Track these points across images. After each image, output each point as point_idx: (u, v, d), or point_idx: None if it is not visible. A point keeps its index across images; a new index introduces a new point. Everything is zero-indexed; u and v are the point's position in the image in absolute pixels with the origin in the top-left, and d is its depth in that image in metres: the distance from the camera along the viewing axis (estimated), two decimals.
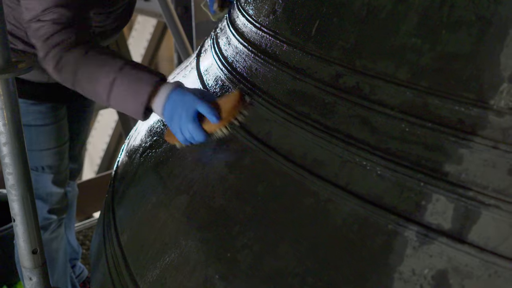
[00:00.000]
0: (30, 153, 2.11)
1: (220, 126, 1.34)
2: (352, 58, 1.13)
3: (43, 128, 2.15)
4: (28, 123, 2.09)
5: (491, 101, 0.94)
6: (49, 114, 2.15)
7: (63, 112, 2.22)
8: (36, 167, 2.21)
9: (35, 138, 2.14)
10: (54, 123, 2.17)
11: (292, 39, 1.29)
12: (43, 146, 2.18)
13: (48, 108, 2.14)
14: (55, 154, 2.22)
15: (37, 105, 2.10)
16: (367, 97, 1.08)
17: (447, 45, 1.00)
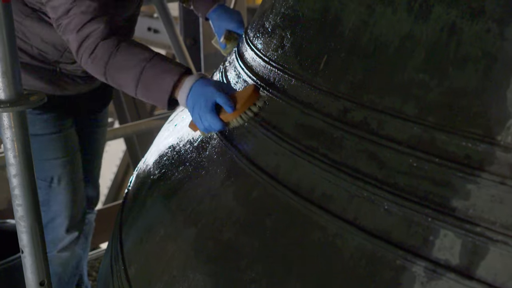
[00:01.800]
0: (40, 163, 2.13)
1: (235, 116, 1.44)
2: (360, 93, 1.14)
3: (51, 136, 2.16)
4: (35, 132, 2.09)
5: (498, 136, 0.95)
6: (56, 122, 2.16)
7: (69, 121, 2.23)
8: (47, 178, 2.21)
9: (43, 147, 2.15)
10: (61, 131, 2.19)
11: (300, 73, 1.31)
12: (52, 155, 2.19)
13: (54, 117, 2.15)
14: (65, 165, 2.22)
15: (43, 115, 2.12)
16: (374, 132, 1.09)
17: (454, 80, 1.01)
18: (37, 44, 1.98)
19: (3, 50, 1.36)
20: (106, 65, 1.61)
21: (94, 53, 1.62)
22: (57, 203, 2.27)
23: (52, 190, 2.24)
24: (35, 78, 2.01)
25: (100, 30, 1.62)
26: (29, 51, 1.99)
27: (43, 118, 2.13)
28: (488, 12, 0.99)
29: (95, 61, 1.63)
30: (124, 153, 8.23)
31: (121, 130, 3.73)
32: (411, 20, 1.10)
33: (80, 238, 2.44)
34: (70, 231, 2.35)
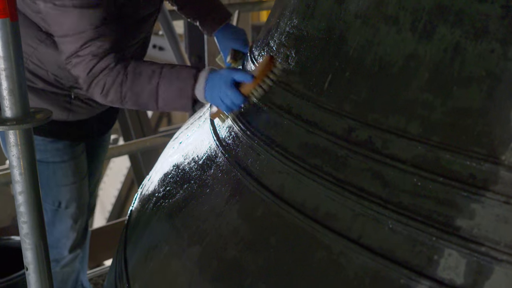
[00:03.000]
0: (49, 190, 2.15)
1: (254, 85, 1.49)
2: (364, 112, 1.15)
3: (61, 164, 2.17)
4: (46, 159, 2.11)
5: (502, 156, 0.95)
6: (67, 150, 2.17)
7: (81, 148, 2.24)
8: (54, 202, 2.22)
9: (52, 174, 2.16)
10: (72, 159, 2.19)
11: (305, 92, 1.32)
12: (62, 182, 2.20)
13: (66, 145, 2.16)
14: (74, 190, 2.24)
15: (55, 143, 2.13)
16: (379, 151, 1.09)
17: (458, 100, 1.02)
18: (53, 69, 1.98)
19: (10, 68, 1.37)
20: (120, 94, 1.69)
21: (104, 89, 1.70)
22: (62, 226, 2.28)
23: (58, 213, 2.25)
24: (50, 104, 2.02)
25: (109, 68, 1.69)
26: (45, 76, 1.99)
27: (56, 146, 2.13)
28: (492, 32, 1.00)
29: (109, 94, 1.70)
30: (128, 170, 8.24)
31: (125, 147, 3.73)
32: (415, 40, 1.10)
33: (81, 253, 2.45)
34: (73, 250, 2.37)
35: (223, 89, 1.54)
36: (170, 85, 1.65)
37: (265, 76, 1.47)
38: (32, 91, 1.98)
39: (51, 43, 1.91)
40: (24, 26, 1.89)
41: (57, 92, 2.02)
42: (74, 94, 2.05)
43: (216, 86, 1.57)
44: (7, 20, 1.34)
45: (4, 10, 1.34)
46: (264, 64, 1.49)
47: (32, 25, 1.91)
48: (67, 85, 2.01)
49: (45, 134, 2.08)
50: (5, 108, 1.41)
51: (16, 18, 1.36)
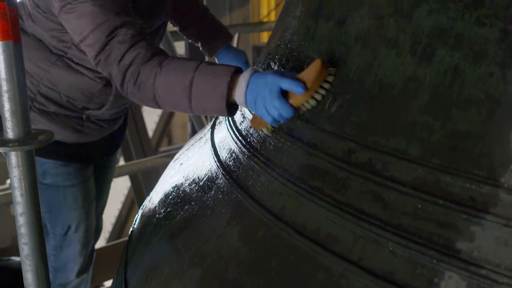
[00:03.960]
0: (58, 214, 2.15)
1: (307, 97, 1.31)
2: (364, 134, 1.16)
3: (72, 188, 2.17)
4: (56, 184, 2.10)
5: (501, 178, 0.96)
6: (77, 174, 2.17)
7: (90, 171, 2.24)
8: (64, 227, 2.21)
9: (63, 199, 2.16)
10: (82, 182, 2.19)
11: (305, 114, 1.32)
12: (72, 206, 2.19)
13: (76, 169, 2.16)
14: (83, 214, 2.23)
15: (67, 166, 2.12)
16: (379, 173, 1.10)
17: (457, 123, 1.03)
18: (65, 91, 1.97)
19: (13, 90, 1.39)
20: (153, 88, 1.55)
21: (138, 80, 1.57)
22: (70, 250, 2.27)
23: (67, 237, 2.25)
24: (61, 127, 2.01)
25: (141, 55, 1.58)
26: (57, 99, 1.98)
27: (67, 170, 2.12)
28: (490, 55, 1.01)
29: (142, 87, 1.57)
30: (128, 190, 8.23)
31: (126, 167, 3.74)
32: (415, 62, 1.11)
33: (87, 277, 2.45)
34: (80, 275, 2.36)
35: (269, 99, 1.35)
36: (204, 81, 1.47)
37: (318, 85, 1.30)
38: (44, 115, 1.98)
39: (63, 64, 1.91)
40: (35, 48, 1.91)
41: (69, 114, 2.02)
42: (85, 116, 2.05)
43: (261, 93, 1.38)
44: (10, 43, 1.35)
45: (8, 32, 1.35)
46: (317, 71, 1.29)
47: (43, 47, 1.92)
48: (80, 106, 2.01)
49: (57, 157, 2.08)
50: (7, 129, 1.42)
51: (19, 40, 1.38)
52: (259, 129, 1.45)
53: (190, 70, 1.49)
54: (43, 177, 2.07)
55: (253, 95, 1.40)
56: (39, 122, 1.97)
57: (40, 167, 2.02)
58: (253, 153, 1.43)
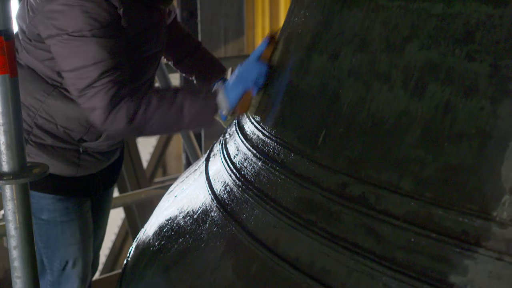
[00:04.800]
0: (56, 249, 2.13)
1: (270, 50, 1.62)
2: (358, 168, 1.17)
3: (69, 223, 2.15)
4: (54, 219, 2.09)
5: (494, 212, 0.97)
6: (75, 208, 2.15)
7: (87, 205, 2.23)
8: (61, 262, 2.19)
9: (61, 234, 2.14)
10: (80, 217, 2.18)
11: (299, 147, 1.33)
12: (70, 241, 2.18)
13: (74, 204, 2.14)
14: (81, 248, 2.21)
15: (64, 201, 2.11)
16: (372, 207, 1.10)
17: (449, 157, 1.04)
18: (62, 122, 1.97)
19: (8, 123, 1.39)
20: (147, 117, 1.71)
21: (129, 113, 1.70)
22: (69, 285, 2.24)
23: (65, 273, 2.22)
24: (58, 161, 2.01)
25: (130, 95, 1.71)
26: (54, 131, 1.98)
27: (65, 205, 2.11)
28: (481, 90, 1.03)
29: (136, 119, 1.71)
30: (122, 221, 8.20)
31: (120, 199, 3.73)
32: (407, 97, 1.13)
33: None
34: None
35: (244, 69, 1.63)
36: (195, 100, 1.71)
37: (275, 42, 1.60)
38: (40, 148, 1.98)
39: (58, 95, 1.92)
40: (30, 80, 1.92)
41: (66, 147, 2.02)
42: (82, 148, 2.05)
43: (237, 76, 1.67)
44: (6, 76, 1.37)
45: (4, 66, 1.36)
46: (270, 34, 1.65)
47: (38, 78, 1.93)
48: (76, 137, 2.01)
49: (54, 191, 2.07)
50: (2, 162, 1.42)
51: (15, 74, 1.39)
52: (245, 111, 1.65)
53: (178, 93, 1.72)
54: (41, 212, 2.06)
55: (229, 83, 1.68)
56: (36, 156, 1.97)
57: (38, 202, 2.01)
58: (248, 186, 1.43)
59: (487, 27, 1.04)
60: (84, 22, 1.70)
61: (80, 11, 1.69)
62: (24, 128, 1.94)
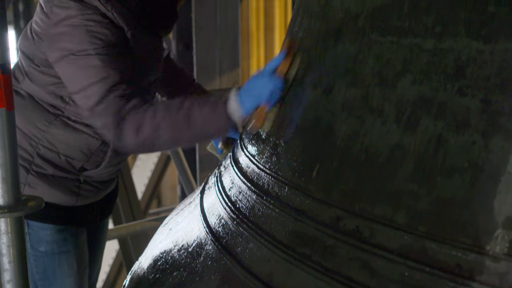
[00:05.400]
0: (54, 281, 2.11)
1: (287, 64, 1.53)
2: (352, 201, 1.17)
3: (67, 254, 2.14)
4: (52, 251, 2.08)
5: (487, 246, 0.97)
6: (73, 239, 2.14)
7: (84, 235, 2.22)
8: None
9: (58, 266, 2.13)
10: (77, 248, 2.17)
11: (293, 181, 1.34)
12: (67, 273, 2.16)
13: (72, 234, 2.13)
14: (77, 280, 2.20)
15: (62, 232, 2.10)
16: (366, 241, 1.11)
17: (442, 190, 1.05)
18: (64, 150, 1.98)
19: (4, 156, 1.39)
20: (154, 128, 1.68)
21: (137, 125, 1.69)
22: None
23: None
24: (59, 190, 2.01)
25: (137, 106, 1.70)
26: (56, 160, 1.99)
27: (63, 236, 2.09)
28: (473, 125, 1.04)
29: (144, 130, 1.69)
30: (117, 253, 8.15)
31: (115, 231, 3.72)
32: (400, 131, 1.14)
33: None
34: None
35: (259, 82, 1.56)
36: (203, 105, 1.67)
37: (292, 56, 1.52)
38: (41, 177, 1.98)
39: (60, 123, 1.94)
40: (32, 110, 1.94)
41: (67, 176, 2.02)
42: (83, 178, 2.06)
43: (251, 87, 1.60)
44: (3, 110, 1.37)
45: (0, 99, 1.37)
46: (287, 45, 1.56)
47: (40, 108, 1.94)
48: (78, 166, 2.02)
49: (54, 221, 2.06)
50: None
51: (12, 107, 1.40)
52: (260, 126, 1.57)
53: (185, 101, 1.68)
54: (39, 244, 2.05)
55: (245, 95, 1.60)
56: (37, 185, 1.98)
57: (36, 233, 2.01)
58: (242, 219, 1.44)
59: (477, 62, 1.05)
60: (89, 41, 1.73)
61: (85, 30, 1.74)
62: (26, 158, 1.96)
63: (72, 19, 1.74)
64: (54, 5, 1.78)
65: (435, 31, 1.13)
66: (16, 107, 1.44)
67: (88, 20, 1.73)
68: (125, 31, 1.80)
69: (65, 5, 1.76)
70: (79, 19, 1.74)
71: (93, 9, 1.75)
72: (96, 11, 1.75)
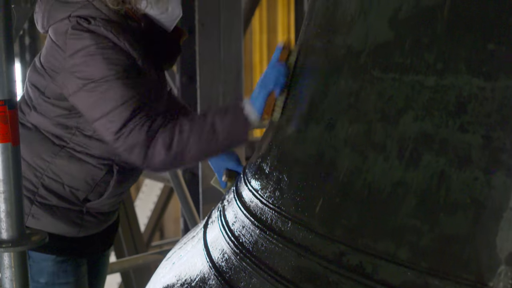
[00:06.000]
0: None
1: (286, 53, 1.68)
2: (355, 237, 1.18)
3: (67, 286, 2.13)
4: (53, 282, 2.08)
5: (490, 283, 0.97)
6: (74, 270, 2.14)
7: (84, 268, 2.22)
8: None
9: None
10: (77, 280, 2.16)
11: (296, 216, 1.34)
12: None
13: (72, 266, 2.13)
14: None
15: (63, 263, 2.09)
16: (369, 276, 1.11)
17: (445, 227, 1.05)
18: (69, 181, 2.00)
19: (9, 191, 1.41)
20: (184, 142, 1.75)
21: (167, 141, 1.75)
22: None
23: None
24: (62, 221, 2.02)
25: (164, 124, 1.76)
26: (60, 191, 2.01)
27: (64, 267, 2.09)
28: (475, 161, 1.05)
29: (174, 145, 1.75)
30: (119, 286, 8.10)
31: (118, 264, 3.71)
32: (402, 167, 1.15)
33: None
34: None
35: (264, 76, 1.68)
36: (224, 114, 1.76)
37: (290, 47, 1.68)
38: (45, 208, 2.00)
39: (66, 154, 1.96)
40: (38, 142, 1.96)
41: (70, 207, 2.04)
42: (85, 209, 2.07)
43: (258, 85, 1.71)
44: (8, 145, 1.39)
45: (7, 135, 1.39)
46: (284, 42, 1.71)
47: (46, 140, 1.97)
48: (81, 197, 2.03)
49: (56, 252, 2.07)
50: (2, 230, 1.43)
51: (17, 143, 1.41)
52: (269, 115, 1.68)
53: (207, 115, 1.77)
54: (40, 275, 2.05)
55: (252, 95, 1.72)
56: (41, 216, 1.99)
57: (38, 264, 2.02)
58: (245, 254, 1.44)
59: (479, 99, 1.07)
60: (107, 68, 1.77)
61: (101, 58, 1.78)
62: (30, 189, 1.97)
63: (87, 48, 1.79)
64: (68, 38, 1.82)
65: (436, 68, 1.14)
66: (22, 139, 1.46)
67: (104, 48, 1.78)
68: (136, 60, 1.84)
69: (79, 37, 1.80)
70: (94, 48, 1.78)
71: (106, 40, 1.79)
72: (109, 41, 1.79)
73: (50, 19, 1.90)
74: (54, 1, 1.88)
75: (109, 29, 1.80)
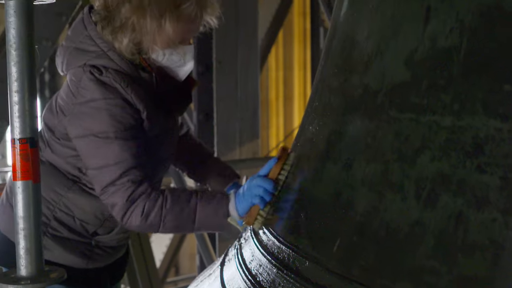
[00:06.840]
0: None
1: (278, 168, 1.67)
2: (373, 277, 1.17)
3: None
4: None
5: None
6: None
7: None
8: None
9: None
10: None
11: (314, 255, 1.34)
12: None
13: None
14: None
15: None
16: None
17: (463, 268, 1.05)
18: (80, 215, 2.03)
19: (28, 228, 1.42)
20: (161, 217, 1.80)
21: (145, 212, 1.79)
22: None
23: None
24: (70, 253, 2.05)
25: (147, 193, 1.80)
26: (71, 223, 2.04)
27: None
28: (492, 202, 1.05)
29: (150, 217, 1.80)
30: None
31: None
32: (420, 207, 1.15)
33: None
34: None
35: (252, 186, 1.68)
36: (207, 204, 1.79)
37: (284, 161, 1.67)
38: (56, 240, 2.02)
39: (78, 189, 2.00)
40: (52, 175, 1.99)
41: (80, 240, 2.06)
42: (94, 242, 2.09)
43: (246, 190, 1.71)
44: (30, 182, 1.41)
45: (28, 172, 1.41)
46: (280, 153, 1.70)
47: (59, 174, 2.00)
48: (91, 231, 2.06)
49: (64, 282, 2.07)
50: (21, 266, 1.44)
51: (38, 180, 1.43)
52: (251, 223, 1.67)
53: (192, 197, 1.80)
54: None
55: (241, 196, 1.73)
56: (51, 247, 2.01)
57: None
58: None
59: (496, 140, 1.07)
60: (110, 124, 1.82)
61: (107, 114, 1.82)
62: (43, 221, 1.99)
63: (96, 102, 1.83)
64: (80, 87, 1.87)
65: (453, 108, 1.15)
66: None
67: (111, 105, 1.82)
68: (141, 112, 1.88)
69: (90, 88, 1.85)
70: (102, 103, 1.83)
71: (114, 93, 1.83)
72: (117, 96, 1.83)
73: (68, 65, 1.95)
74: (72, 49, 1.93)
75: (119, 81, 1.84)
